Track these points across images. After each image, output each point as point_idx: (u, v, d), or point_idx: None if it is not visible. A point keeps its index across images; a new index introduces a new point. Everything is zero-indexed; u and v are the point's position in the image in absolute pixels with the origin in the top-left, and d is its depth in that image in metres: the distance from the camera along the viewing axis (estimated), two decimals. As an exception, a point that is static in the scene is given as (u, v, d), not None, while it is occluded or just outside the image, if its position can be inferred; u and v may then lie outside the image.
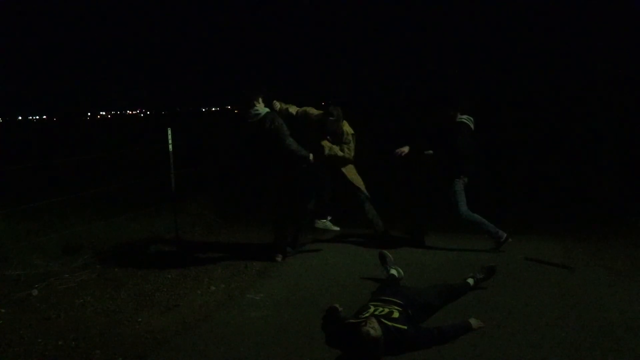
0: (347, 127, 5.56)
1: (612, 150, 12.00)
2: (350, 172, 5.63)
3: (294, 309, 4.10)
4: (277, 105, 5.61)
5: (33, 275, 5.04)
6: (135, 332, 3.84)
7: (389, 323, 3.31)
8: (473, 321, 3.59)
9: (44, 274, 5.11)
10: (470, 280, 4.26)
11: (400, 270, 4.50)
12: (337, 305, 3.78)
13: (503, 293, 4.19)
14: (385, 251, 4.67)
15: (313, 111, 5.57)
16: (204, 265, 5.29)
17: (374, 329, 3.20)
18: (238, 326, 3.82)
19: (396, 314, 3.43)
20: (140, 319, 4.05)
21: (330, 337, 3.54)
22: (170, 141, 5.68)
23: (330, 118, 5.31)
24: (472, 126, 5.46)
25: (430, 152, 5.42)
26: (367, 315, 3.41)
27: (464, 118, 5.42)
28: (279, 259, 5.30)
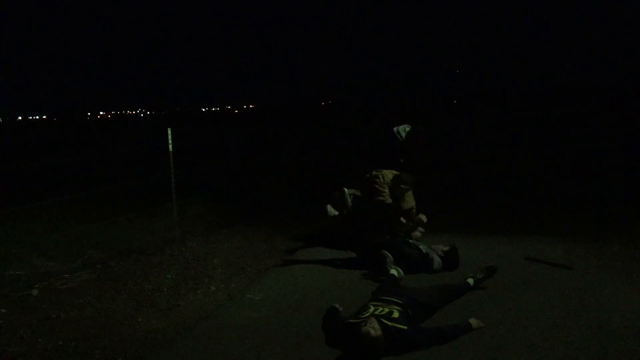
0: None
1: (612, 150, 11.99)
2: None
3: (294, 309, 4.10)
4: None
5: (33, 275, 5.04)
6: (135, 332, 3.84)
7: (389, 323, 3.31)
8: (473, 321, 3.59)
9: (44, 274, 5.11)
10: (470, 280, 4.26)
11: (400, 270, 4.51)
12: (337, 305, 3.78)
13: (503, 293, 4.19)
14: (385, 251, 4.67)
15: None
16: (204, 265, 5.29)
17: (374, 329, 3.20)
18: (238, 326, 3.81)
19: (396, 314, 3.43)
20: (140, 319, 4.06)
21: (330, 337, 3.54)
22: (170, 141, 5.68)
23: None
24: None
25: None
26: (367, 315, 3.41)
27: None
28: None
